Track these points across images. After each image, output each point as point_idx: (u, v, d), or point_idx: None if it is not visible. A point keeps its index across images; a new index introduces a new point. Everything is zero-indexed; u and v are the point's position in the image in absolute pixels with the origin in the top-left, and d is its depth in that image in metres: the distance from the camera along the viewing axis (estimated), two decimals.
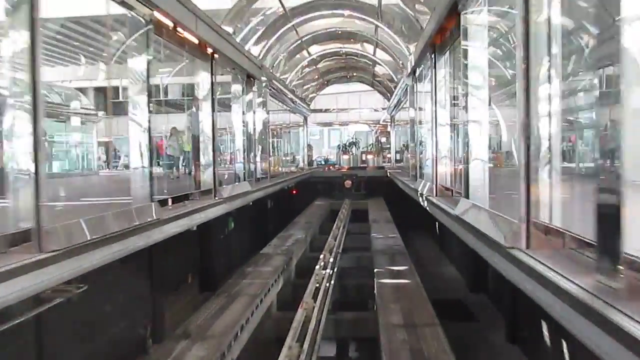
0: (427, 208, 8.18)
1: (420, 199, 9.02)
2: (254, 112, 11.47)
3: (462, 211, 5.19)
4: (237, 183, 10.00)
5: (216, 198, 8.23)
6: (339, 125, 34.91)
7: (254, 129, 11.50)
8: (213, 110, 8.33)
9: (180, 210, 6.26)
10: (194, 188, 8.23)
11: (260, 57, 12.78)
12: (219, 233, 10.20)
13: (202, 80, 8.36)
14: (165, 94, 18.26)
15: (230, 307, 7.06)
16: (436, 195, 8.11)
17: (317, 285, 7.69)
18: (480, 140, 5.43)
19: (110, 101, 19.29)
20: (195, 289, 9.00)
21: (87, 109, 19.76)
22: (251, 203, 11.02)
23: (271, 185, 12.84)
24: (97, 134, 19.55)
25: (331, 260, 8.87)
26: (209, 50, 8.24)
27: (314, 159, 27.68)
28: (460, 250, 10.04)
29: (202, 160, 8.36)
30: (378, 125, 34.73)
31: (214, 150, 8.29)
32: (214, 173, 8.27)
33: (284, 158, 21.66)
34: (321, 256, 8.91)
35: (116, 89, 15.69)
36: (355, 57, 19.02)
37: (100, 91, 21.02)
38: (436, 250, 13.97)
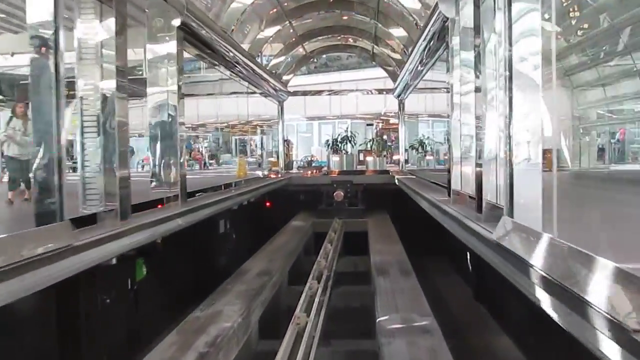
0: None
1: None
2: (117, 67, 5.17)
3: None
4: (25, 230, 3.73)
5: None
6: (331, 118, 29.23)
7: (120, 102, 5.22)
8: None
9: None
10: None
11: None
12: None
13: None
14: None
15: None
16: None
17: None
18: None
19: None
20: None
21: None
22: (131, 254, 4.89)
23: (179, 214, 6.55)
24: None
25: None
26: None
27: (297, 159, 21.36)
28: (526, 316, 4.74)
29: None
30: (378, 120, 29.32)
31: None
32: None
33: (233, 159, 14.76)
34: None
35: None
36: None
37: None
38: (468, 294, 8.13)
